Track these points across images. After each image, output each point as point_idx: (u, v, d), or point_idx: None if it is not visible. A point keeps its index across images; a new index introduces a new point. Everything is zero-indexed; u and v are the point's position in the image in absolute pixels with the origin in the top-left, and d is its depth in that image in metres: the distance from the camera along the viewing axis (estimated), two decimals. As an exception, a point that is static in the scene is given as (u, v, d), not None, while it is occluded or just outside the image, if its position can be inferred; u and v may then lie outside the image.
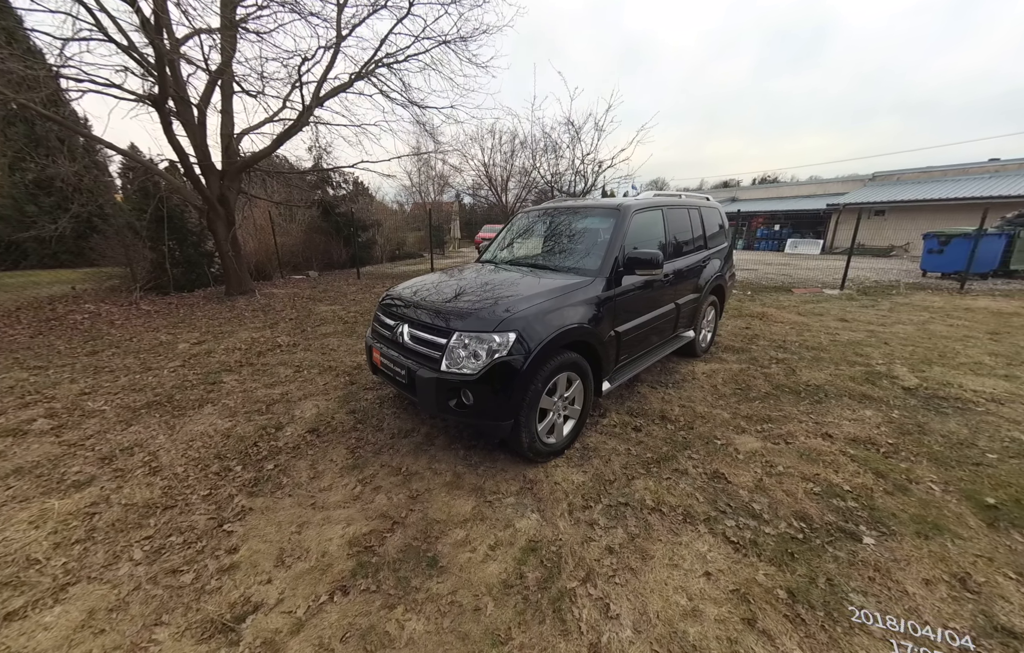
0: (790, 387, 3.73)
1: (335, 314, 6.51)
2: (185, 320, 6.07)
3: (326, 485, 2.37)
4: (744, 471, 2.50)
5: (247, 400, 3.40)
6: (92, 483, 2.32)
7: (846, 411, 3.28)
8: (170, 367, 4.14)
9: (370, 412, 3.25)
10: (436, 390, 2.29)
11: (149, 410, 3.21)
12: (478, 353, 2.24)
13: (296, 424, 3.04)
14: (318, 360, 4.37)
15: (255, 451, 2.68)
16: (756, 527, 2.05)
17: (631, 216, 3.22)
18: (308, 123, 7.30)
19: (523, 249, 3.74)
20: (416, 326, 2.56)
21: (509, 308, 2.36)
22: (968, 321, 6.15)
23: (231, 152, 7.00)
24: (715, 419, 3.16)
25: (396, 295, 3.02)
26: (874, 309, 7.09)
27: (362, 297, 8.03)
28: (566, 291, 2.63)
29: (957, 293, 8.46)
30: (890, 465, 2.57)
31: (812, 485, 2.36)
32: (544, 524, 2.05)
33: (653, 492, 2.30)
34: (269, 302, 7.28)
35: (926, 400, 3.48)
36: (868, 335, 5.41)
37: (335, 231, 12.95)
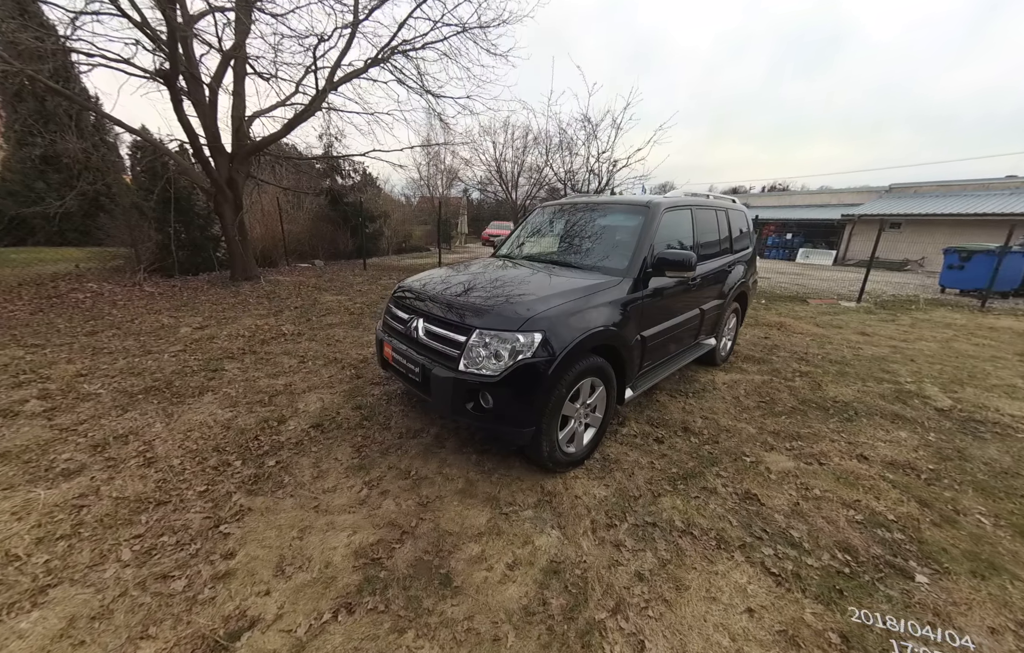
0: (817, 403, 3.54)
1: (341, 304, 6.36)
2: (188, 304, 5.94)
3: (330, 486, 2.22)
4: (778, 493, 2.33)
5: (249, 390, 3.26)
6: (82, 472, 2.18)
7: (879, 431, 3.10)
8: (171, 351, 4.00)
9: (377, 409, 3.09)
10: (453, 391, 2.13)
11: (147, 396, 3.07)
12: (500, 353, 2.08)
13: (299, 418, 2.89)
14: (323, 351, 4.22)
15: (256, 445, 2.53)
16: (797, 557, 1.88)
17: (661, 214, 3.04)
18: (321, 109, 7.15)
19: (543, 245, 3.57)
20: (432, 321, 2.40)
21: (534, 307, 2.19)
22: (994, 341, 5.92)
23: (242, 135, 6.86)
24: (741, 434, 2.98)
25: (410, 287, 2.85)
26: (894, 324, 6.87)
27: (368, 288, 7.88)
28: (592, 291, 2.46)
29: (978, 311, 8.21)
30: (934, 493, 2.39)
31: (853, 512, 2.19)
32: (566, 543, 1.89)
33: (682, 512, 2.13)
34: (274, 289, 7.14)
35: (962, 423, 3.29)
36: (892, 351, 5.21)
37: (342, 221, 12.80)
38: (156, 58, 5.50)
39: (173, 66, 5.32)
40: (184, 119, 5.94)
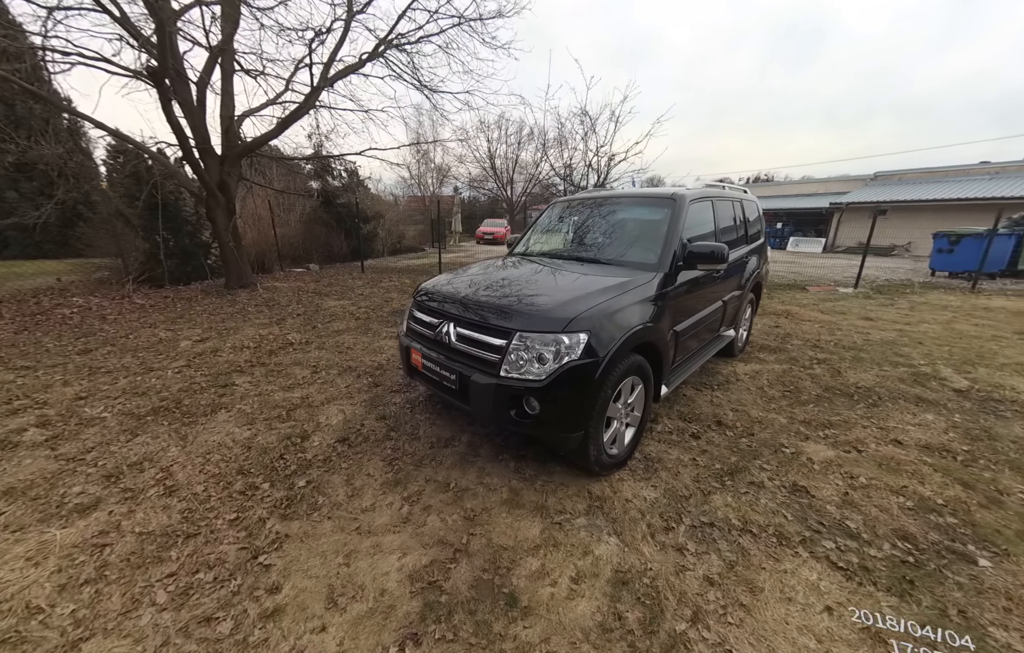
0: (840, 389, 3.55)
1: (345, 309, 6.17)
2: (184, 315, 5.68)
3: (368, 504, 2.10)
4: (825, 483, 2.30)
5: (264, 405, 3.10)
6: (98, 507, 2.02)
7: (906, 415, 3.11)
8: (174, 367, 3.80)
9: (402, 418, 2.97)
10: (495, 398, 2.03)
11: (156, 417, 2.89)
12: (544, 357, 1.99)
13: (323, 432, 2.75)
14: (336, 359, 4.07)
15: (282, 465, 2.39)
16: (859, 549, 1.85)
17: (687, 206, 2.98)
18: (315, 106, 6.90)
19: (565, 241, 3.48)
20: (465, 325, 2.29)
21: (574, 306, 2.10)
22: (992, 321, 6.07)
23: (231, 135, 6.58)
24: (773, 424, 2.96)
25: (434, 290, 2.74)
26: (894, 308, 6.99)
27: (371, 291, 7.69)
28: (628, 287, 2.38)
29: (970, 292, 8.44)
30: (973, 475, 2.39)
31: (903, 499, 2.17)
32: (627, 550, 1.82)
33: (736, 510, 2.08)
34: (273, 296, 6.90)
35: (981, 403, 3.33)
36: (898, 334, 5.28)
37: (336, 222, 12.49)
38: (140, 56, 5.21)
39: (162, 63, 5.03)
40: (173, 120, 5.65)
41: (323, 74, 6.84)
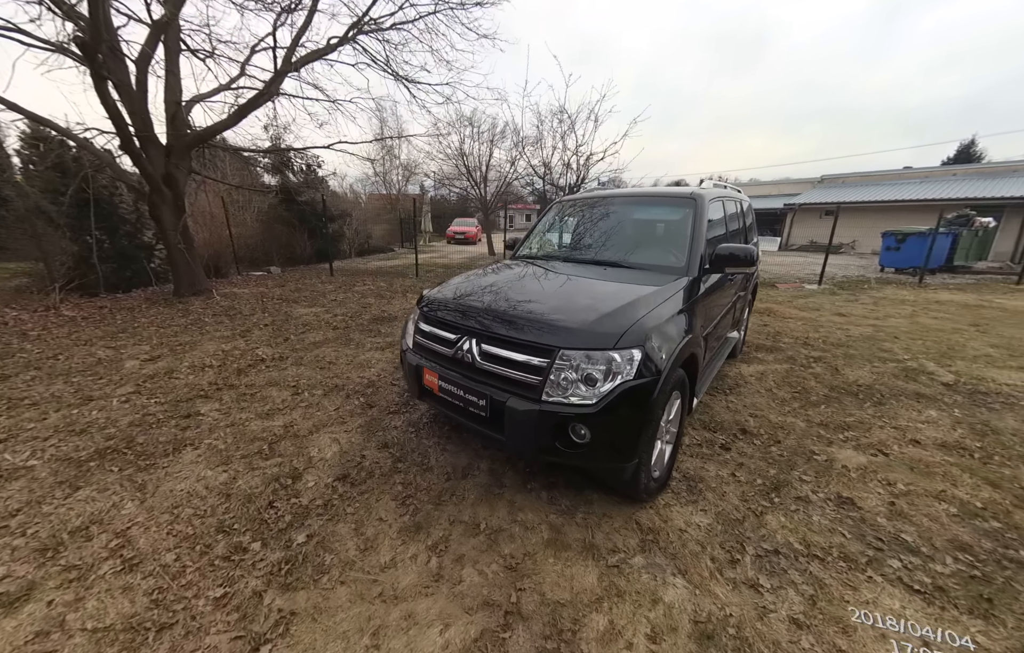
0: (844, 388, 3.59)
1: (319, 318, 5.62)
2: (127, 329, 4.91)
3: (387, 560, 1.77)
4: (867, 492, 2.23)
5: (240, 438, 2.63)
6: (31, 596, 1.54)
7: (911, 412, 3.17)
8: (120, 395, 3.19)
9: (407, 444, 2.63)
10: (538, 427, 1.76)
11: (102, 462, 2.35)
12: (592, 377, 1.75)
13: (317, 469, 2.36)
14: (318, 377, 3.61)
15: (273, 516, 1.98)
16: (925, 566, 1.76)
17: (707, 206, 2.85)
18: (278, 94, 6.24)
19: (577, 243, 3.24)
20: (493, 341, 1.99)
21: (620, 319, 1.88)
22: (947, 314, 6.55)
23: (179, 123, 5.79)
24: (795, 429, 2.90)
25: (447, 299, 2.42)
26: (859, 303, 7.40)
27: (344, 297, 7.11)
28: (665, 295, 2.19)
29: (917, 287, 9.17)
30: (994, 472, 2.42)
31: (946, 505, 2.13)
32: (698, 593, 1.62)
33: (793, 531, 1.94)
34: (232, 304, 6.17)
35: (970, 396, 3.47)
36: (874, 330, 5.53)
37: (298, 222, 11.61)
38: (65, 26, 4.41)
39: (94, 35, 4.24)
40: (109, 103, 4.82)
41: (287, 58, 6.20)
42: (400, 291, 7.88)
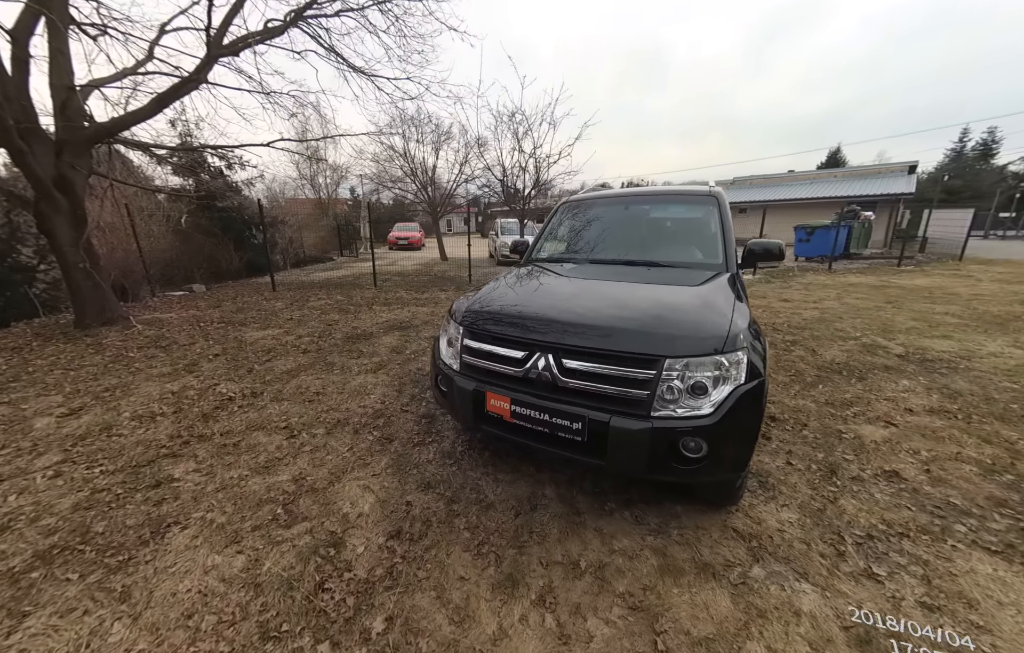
0: (828, 367, 3.93)
1: (281, 342, 4.85)
2: (19, 376, 3.76)
3: (494, 629, 1.48)
4: (902, 463, 2.41)
5: (242, 503, 2.08)
6: None
7: (889, 384, 3.55)
8: (44, 468, 2.36)
9: (453, 480, 2.30)
10: (651, 446, 1.60)
11: (50, 569, 1.67)
12: (701, 385, 1.63)
13: (361, 529, 1.94)
14: (311, 413, 3.06)
15: (330, 603, 1.56)
16: (984, 526, 1.92)
17: (727, 202, 2.93)
18: (206, 81, 5.26)
19: (603, 245, 3.09)
20: (578, 356, 1.78)
21: (717, 320, 1.79)
22: (864, 294, 7.64)
23: (73, 112, 4.61)
24: (810, 411, 3.09)
25: (495, 312, 2.15)
26: (793, 290, 8.36)
27: (301, 315, 6.25)
28: (729, 293, 2.17)
29: (829, 273, 10.65)
30: (980, 430, 2.75)
31: (967, 466, 2.37)
32: (828, 595, 1.57)
33: (869, 512, 2.02)
34: (161, 333, 5.07)
35: (922, 364, 4.01)
36: (819, 313, 6.24)
37: (222, 231, 10.11)
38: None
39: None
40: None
41: (216, 40, 5.28)
42: (364, 304, 7.18)
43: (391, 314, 6.40)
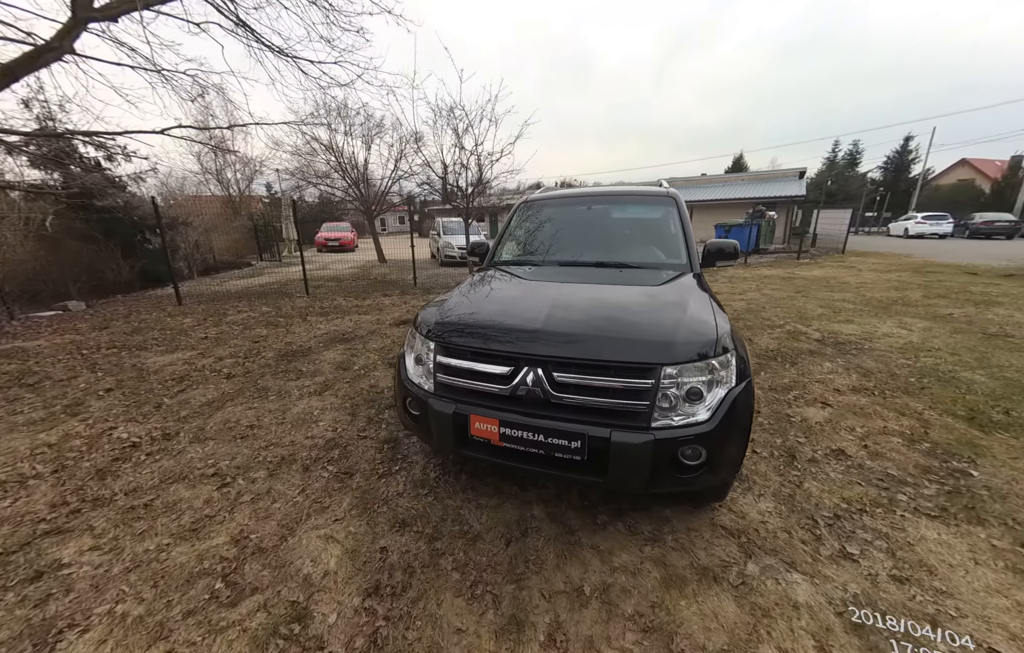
0: (766, 354, 4.31)
1: (196, 367, 4.10)
2: None
3: (506, 686, 1.30)
4: (845, 442, 2.66)
5: (166, 584, 1.64)
6: None
7: (816, 367, 3.98)
8: None
9: (430, 514, 2.07)
10: (653, 458, 1.54)
11: None
12: (696, 391, 1.61)
13: (330, 593, 1.63)
14: (245, 453, 2.58)
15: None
16: (919, 492, 2.16)
17: (683, 203, 3.03)
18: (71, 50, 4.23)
19: (566, 246, 3.02)
20: (571, 368, 1.67)
21: (703, 324, 1.79)
22: (777, 285, 8.63)
23: None
24: (759, 398, 3.31)
25: (469, 323, 1.97)
26: (719, 283, 9.18)
27: (219, 332, 5.39)
28: (701, 293, 2.21)
29: (744, 266, 11.91)
30: (895, 404, 3.15)
31: (893, 439, 2.68)
32: (817, 581, 1.65)
33: (830, 492, 2.18)
34: (27, 366, 4.00)
35: (837, 347, 4.56)
36: (746, 304, 6.90)
37: (105, 235, 8.43)
38: None
39: None
40: None
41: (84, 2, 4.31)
42: (297, 315, 6.43)
43: (330, 325, 5.80)
